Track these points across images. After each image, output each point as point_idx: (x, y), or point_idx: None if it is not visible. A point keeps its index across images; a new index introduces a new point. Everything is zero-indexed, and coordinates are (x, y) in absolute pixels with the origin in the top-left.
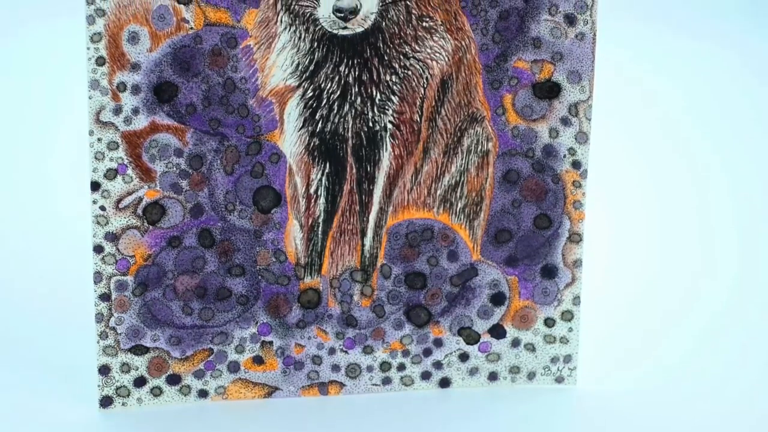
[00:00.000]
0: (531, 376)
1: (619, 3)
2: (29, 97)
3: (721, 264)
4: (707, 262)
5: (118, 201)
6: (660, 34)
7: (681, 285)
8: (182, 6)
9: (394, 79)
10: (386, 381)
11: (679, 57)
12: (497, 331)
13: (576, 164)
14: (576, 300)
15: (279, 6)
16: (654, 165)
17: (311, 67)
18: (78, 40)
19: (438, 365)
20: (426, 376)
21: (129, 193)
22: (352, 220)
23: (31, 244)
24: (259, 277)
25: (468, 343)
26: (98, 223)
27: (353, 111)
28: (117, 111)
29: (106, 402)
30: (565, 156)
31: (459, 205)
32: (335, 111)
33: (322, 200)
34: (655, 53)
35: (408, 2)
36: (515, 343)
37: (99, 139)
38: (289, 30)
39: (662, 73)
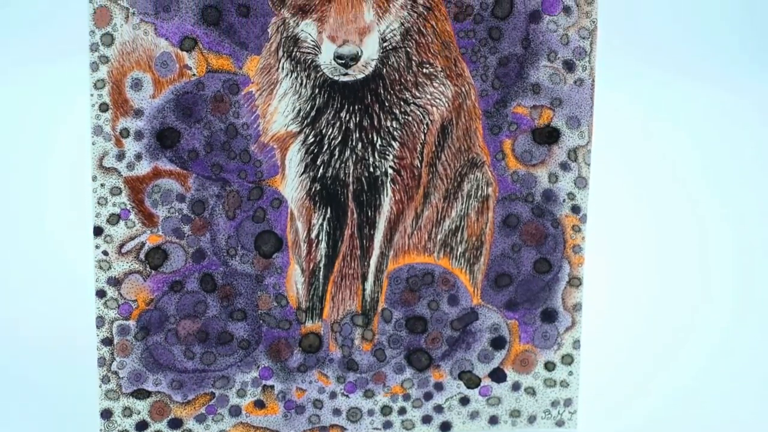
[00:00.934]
0: (532, 419)
1: (618, 47)
2: (33, 143)
3: (721, 308)
4: (706, 306)
5: (121, 246)
6: (660, 78)
7: (680, 329)
8: (185, 53)
9: (394, 125)
10: (387, 425)
11: (678, 100)
12: (498, 375)
13: (575, 209)
14: (576, 344)
15: (281, 53)
16: (653, 209)
17: (312, 113)
18: (81, 86)
19: (439, 409)
20: (427, 419)
21: (131, 238)
22: (353, 264)
23: (34, 289)
24: (261, 321)
25: (469, 387)
26: (101, 267)
27: (354, 156)
28: (120, 156)
29: None
30: (564, 201)
31: (459, 249)
32: (336, 156)
33: (323, 245)
34: (655, 97)
35: (408, 49)
36: (516, 386)
37: (102, 185)
38: (291, 76)
39: (661, 116)
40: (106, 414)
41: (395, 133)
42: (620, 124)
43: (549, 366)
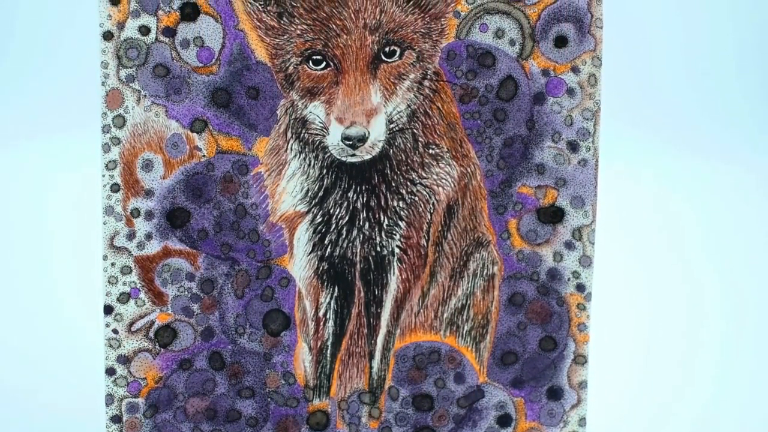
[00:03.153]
0: None
1: (621, 127)
2: (45, 222)
3: (727, 388)
4: (712, 386)
5: (131, 324)
6: (662, 157)
7: (687, 408)
8: (195, 134)
9: (401, 205)
10: None
11: (682, 179)
12: None
13: (580, 287)
14: (582, 421)
15: (289, 134)
16: (657, 288)
17: (320, 193)
18: (93, 167)
19: None
20: None
21: (141, 317)
22: (360, 342)
23: (45, 366)
24: (269, 399)
25: None
26: (110, 345)
27: (361, 236)
28: (130, 236)
29: None
30: (569, 279)
31: (465, 327)
32: (344, 236)
33: (330, 323)
34: (658, 176)
35: (415, 130)
36: None
37: (112, 264)
38: (299, 157)
39: (664, 196)
40: None
41: (402, 213)
42: (624, 203)
43: None
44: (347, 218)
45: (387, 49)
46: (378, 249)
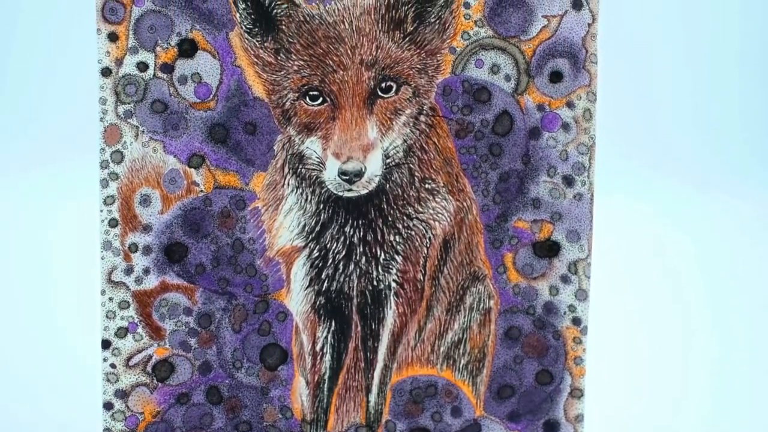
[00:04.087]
0: None
1: (617, 161)
2: (42, 257)
3: (723, 420)
4: (709, 415)
5: (129, 359)
6: (659, 188)
7: None
8: (193, 169)
9: (397, 239)
10: None
11: (677, 212)
12: None
13: (576, 321)
14: None
15: (286, 169)
16: (653, 321)
17: (317, 228)
18: (91, 202)
19: None
20: None
21: (139, 351)
22: (357, 376)
23: (43, 401)
24: None
25: None
26: (108, 380)
27: (358, 270)
28: (128, 271)
29: None
30: (565, 313)
31: (462, 361)
32: (340, 270)
33: (327, 357)
34: (654, 209)
35: (411, 165)
36: None
37: (110, 299)
38: (296, 192)
39: (660, 229)
40: None
41: (398, 247)
42: (619, 237)
43: None
44: (344, 253)
45: (383, 84)
46: (375, 283)
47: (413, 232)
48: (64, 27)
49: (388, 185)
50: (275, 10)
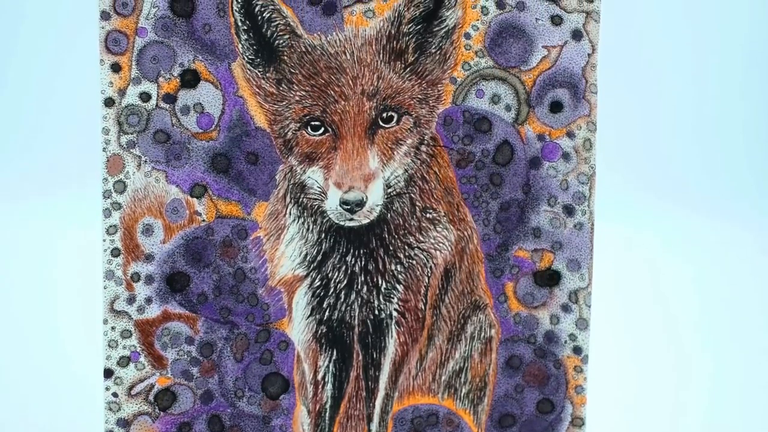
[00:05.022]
0: None
1: (617, 190)
2: (45, 286)
3: None
4: None
5: (131, 388)
6: (659, 217)
7: None
8: (195, 199)
9: (399, 269)
10: None
11: (679, 240)
12: None
13: (577, 350)
14: None
15: (288, 199)
16: (654, 350)
17: (319, 258)
18: (94, 232)
19: None
20: None
21: (141, 380)
22: (358, 405)
23: (45, 431)
24: None
25: None
26: (110, 409)
27: (359, 299)
28: (130, 300)
29: None
30: (566, 342)
31: (463, 390)
32: (342, 299)
33: (329, 386)
34: (654, 237)
35: (412, 195)
36: None
37: (113, 328)
38: (298, 222)
39: (662, 257)
40: None
41: (400, 276)
42: (620, 266)
43: None
44: (345, 282)
45: (384, 114)
46: (376, 312)
47: (414, 262)
48: (67, 57)
49: (389, 215)
50: (277, 41)
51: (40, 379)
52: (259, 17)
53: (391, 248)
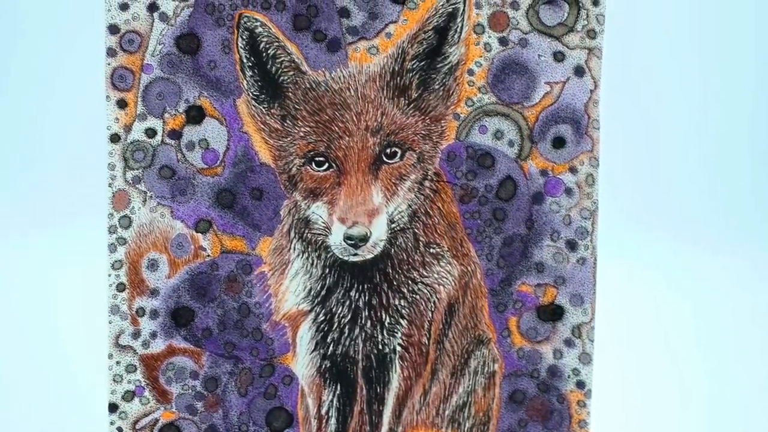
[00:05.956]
0: None
1: (619, 224)
2: (50, 322)
3: None
4: None
5: (135, 422)
6: (662, 252)
7: None
8: (200, 234)
9: (402, 303)
10: None
11: (682, 275)
12: None
13: (580, 384)
14: None
15: (292, 234)
16: (657, 384)
17: (323, 292)
18: (99, 267)
19: None
20: None
21: (145, 415)
22: None
23: None
24: None
25: None
26: None
27: (363, 334)
28: (136, 335)
29: None
30: (569, 376)
31: (467, 425)
32: (346, 334)
33: (333, 421)
34: (657, 272)
35: (416, 230)
36: None
37: (117, 362)
38: (302, 257)
39: (664, 292)
40: None
41: (403, 311)
42: (623, 301)
43: None
44: (349, 317)
45: (388, 150)
46: (380, 347)
47: (418, 296)
48: (73, 94)
49: (393, 250)
50: (282, 78)
51: (46, 413)
52: (264, 54)
53: (394, 283)
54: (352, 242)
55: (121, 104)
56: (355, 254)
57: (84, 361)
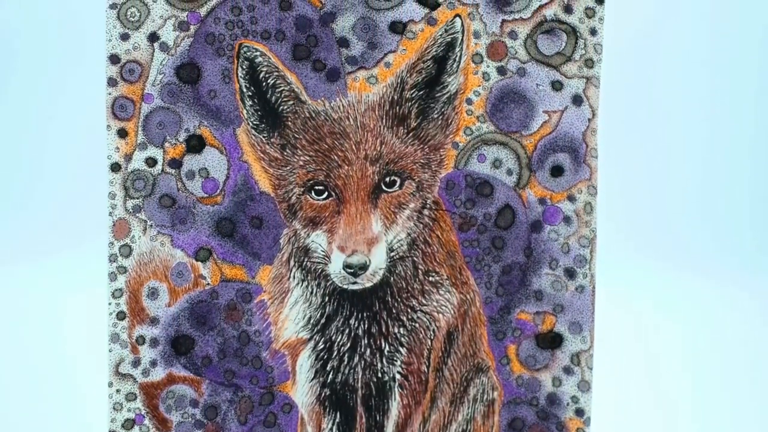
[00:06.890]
0: None
1: (618, 251)
2: (50, 350)
3: None
4: None
5: None
6: (661, 280)
7: None
8: (200, 263)
9: (402, 332)
10: None
11: (680, 302)
12: None
13: (579, 412)
14: None
15: (292, 262)
16: (656, 411)
17: (322, 321)
18: (100, 296)
19: None
20: None
21: None
22: None
23: None
24: None
25: None
26: None
27: (363, 362)
28: (136, 363)
29: None
30: (568, 404)
31: None
32: (345, 362)
33: None
34: (656, 299)
35: (415, 258)
36: None
37: (117, 390)
38: (302, 285)
39: (663, 319)
40: None
41: (402, 339)
42: (621, 328)
43: None
44: (349, 345)
45: (387, 179)
46: (379, 375)
47: (417, 325)
48: (74, 123)
49: (392, 278)
50: (282, 107)
51: None
52: (264, 83)
53: (394, 311)
54: (352, 271)
55: (122, 133)
56: (355, 282)
57: (84, 389)
